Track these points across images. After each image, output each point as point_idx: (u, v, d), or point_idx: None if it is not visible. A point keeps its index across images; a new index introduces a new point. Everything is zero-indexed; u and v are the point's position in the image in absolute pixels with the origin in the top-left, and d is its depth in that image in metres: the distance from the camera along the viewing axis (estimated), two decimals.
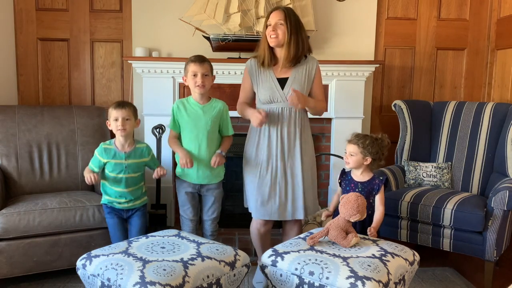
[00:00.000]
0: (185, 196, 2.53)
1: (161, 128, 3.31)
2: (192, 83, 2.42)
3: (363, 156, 2.34)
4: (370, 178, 2.36)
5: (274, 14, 2.39)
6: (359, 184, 2.37)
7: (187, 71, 2.44)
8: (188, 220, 2.55)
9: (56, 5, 3.55)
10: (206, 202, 2.56)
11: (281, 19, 2.37)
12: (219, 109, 2.49)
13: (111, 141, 2.49)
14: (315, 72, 2.48)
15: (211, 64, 2.48)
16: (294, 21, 2.39)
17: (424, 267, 2.82)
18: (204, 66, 2.41)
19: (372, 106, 3.75)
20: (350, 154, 2.36)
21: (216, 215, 2.57)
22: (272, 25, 2.37)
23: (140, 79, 3.48)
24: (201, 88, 2.40)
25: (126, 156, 2.46)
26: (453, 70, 3.81)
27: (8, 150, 2.89)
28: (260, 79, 2.47)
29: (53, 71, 3.61)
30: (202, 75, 2.40)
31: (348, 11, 3.58)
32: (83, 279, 1.91)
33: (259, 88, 2.47)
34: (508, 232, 2.77)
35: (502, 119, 3.02)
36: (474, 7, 3.74)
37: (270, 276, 1.96)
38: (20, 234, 2.47)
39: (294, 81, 2.42)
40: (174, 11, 3.41)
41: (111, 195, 2.49)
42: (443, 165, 3.16)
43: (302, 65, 2.46)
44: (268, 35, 2.39)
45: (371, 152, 2.33)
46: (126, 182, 2.47)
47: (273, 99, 2.43)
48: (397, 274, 1.87)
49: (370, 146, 2.33)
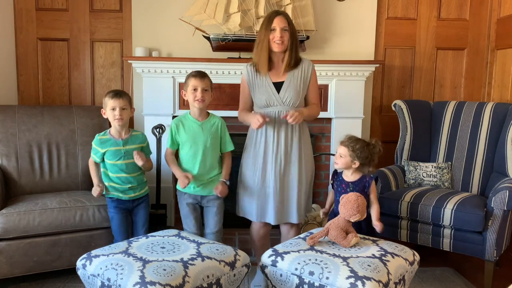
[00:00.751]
0: (186, 208, 2.51)
1: (161, 128, 3.30)
2: (192, 98, 2.42)
3: (351, 160, 2.36)
4: (360, 176, 2.39)
5: (279, 20, 2.38)
6: (350, 184, 2.38)
7: (187, 85, 2.45)
8: (191, 234, 2.54)
9: (56, 5, 3.55)
10: (208, 215, 2.54)
11: (285, 25, 2.38)
12: (217, 125, 2.49)
13: (105, 132, 2.51)
14: (310, 75, 2.49)
15: (211, 80, 2.49)
16: (293, 26, 2.44)
17: (424, 267, 2.81)
18: (205, 81, 2.42)
19: (372, 106, 3.75)
20: (340, 156, 2.38)
21: (218, 228, 2.54)
22: (278, 30, 2.37)
23: (140, 79, 3.48)
24: (200, 102, 2.40)
25: (124, 142, 2.48)
26: (453, 70, 3.81)
27: (8, 150, 2.89)
28: (256, 83, 2.47)
29: (53, 71, 3.61)
30: (202, 90, 2.40)
31: (348, 11, 3.58)
32: (83, 279, 1.91)
33: (255, 93, 2.48)
34: (508, 232, 2.77)
35: (502, 119, 3.02)
36: (474, 7, 3.74)
37: (270, 276, 1.96)
38: (20, 234, 2.48)
39: (289, 85, 2.43)
40: (174, 11, 3.40)
41: (113, 180, 2.48)
42: (443, 165, 3.16)
43: (297, 68, 2.46)
44: (272, 40, 2.38)
45: (360, 157, 2.35)
46: (126, 168, 2.47)
47: (269, 103, 2.44)
48: (397, 274, 1.87)
49: (359, 151, 2.35)
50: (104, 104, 2.47)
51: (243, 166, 2.55)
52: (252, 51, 2.53)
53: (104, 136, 2.49)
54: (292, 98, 2.42)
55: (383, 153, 3.74)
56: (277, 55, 2.43)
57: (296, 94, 2.42)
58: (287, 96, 2.42)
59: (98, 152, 2.47)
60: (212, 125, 2.48)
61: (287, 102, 2.42)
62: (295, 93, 2.42)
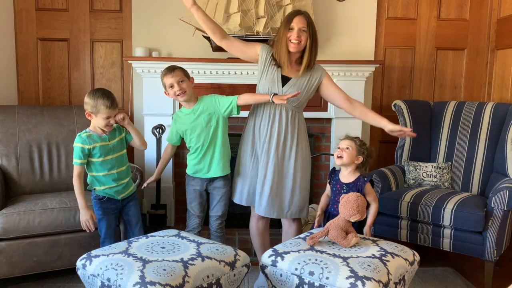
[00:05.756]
0: (193, 194, 2.57)
1: (161, 128, 3.31)
2: (173, 94, 2.43)
3: (357, 154, 2.36)
4: (355, 178, 2.37)
5: (298, 20, 2.36)
6: (344, 185, 2.37)
7: (164, 85, 2.45)
8: (195, 216, 2.60)
9: (56, 5, 3.55)
10: (213, 200, 2.59)
11: (304, 26, 2.36)
12: (208, 103, 2.48)
13: (85, 130, 2.39)
14: (318, 81, 2.46)
15: (183, 69, 2.47)
16: (313, 28, 2.41)
17: (424, 267, 2.81)
18: (176, 73, 2.41)
19: (372, 106, 3.75)
20: (346, 148, 2.37)
21: (221, 213, 2.59)
22: (296, 30, 2.35)
23: (140, 79, 3.48)
24: (182, 95, 2.41)
25: (109, 137, 2.40)
26: (453, 70, 3.81)
27: (8, 150, 2.89)
28: (266, 69, 2.45)
29: (53, 71, 3.61)
30: (178, 83, 2.40)
31: (348, 11, 3.58)
32: (83, 279, 1.91)
33: (262, 78, 2.46)
34: (508, 232, 2.77)
35: (502, 119, 3.02)
36: (474, 7, 3.74)
37: (270, 276, 1.96)
38: (20, 234, 2.48)
39: (295, 83, 2.41)
40: (174, 11, 3.40)
41: (106, 183, 2.40)
42: (443, 165, 3.16)
43: (309, 72, 2.44)
44: (289, 39, 2.36)
45: (363, 154, 2.37)
46: (116, 162, 2.41)
47: (271, 92, 2.42)
48: (397, 274, 1.87)
49: (364, 148, 2.38)
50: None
51: (242, 151, 2.55)
52: None
53: (87, 133, 2.37)
54: None
55: (383, 153, 3.78)
56: (292, 54, 2.41)
57: (300, 95, 2.40)
58: (289, 92, 2.40)
59: (82, 151, 2.31)
60: (204, 105, 2.47)
61: None
62: None
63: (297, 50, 2.38)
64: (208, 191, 2.59)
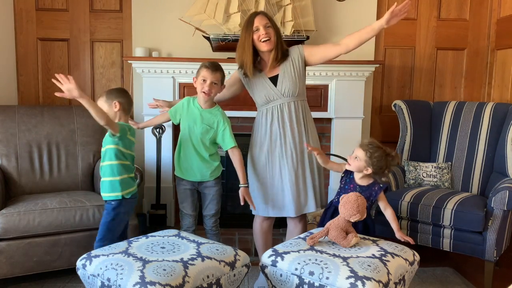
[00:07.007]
0: (184, 193, 2.57)
1: (161, 128, 3.31)
2: (199, 88, 2.42)
3: (365, 165, 2.30)
4: (370, 183, 2.35)
5: (259, 19, 2.38)
6: (357, 187, 2.36)
7: (198, 74, 2.44)
8: (188, 215, 2.59)
9: (56, 5, 3.55)
10: (205, 199, 2.59)
11: (267, 22, 2.38)
12: (217, 120, 2.46)
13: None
14: (301, 59, 2.45)
15: (223, 74, 2.46)
16: (274, 22, 2.45)
17: (424, 267, 2.82)
18: (216, 75, 2.40)
19: (372, 106, 3.75)
20: (355, 157, 2.33)
21: (214, 211, 2.58)
22: (262, 29, 2.36)
23: (140, 79, 3.48)
24: (206, 95, 2.41)
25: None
26: (453, 70, 3.81)
27: (8, 150, 2.89)
28: (253, 83, 2.48)
29: (53, 71, 3.61)
30: (211, 83, 2.39)
31: (348, 11, 3.58)
32: (83, 279, 1.91)
33: (254, 92, 2.49)
34: (508, 232, 2.77)
35: (502, 119, 3.02)
36: (474, 7, 3.74)
37: (270, 276, 1.96)
38: (20, 234, 2.48)
39: (284, 76, 2.43)
40: (174, 11, 3.40)
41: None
42: (443, 165, 3.16)
43: (287, 59, 2.45)
44: (258, 40, 2.37)
45: (375, 166, 2.28)
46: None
47: (269, 97, 2.44)
48: (397, 274, 1.87)
49: (376, 160, 2.27)
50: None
51: (255, 162, 2.53)
52: None
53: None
54: (290, 88, 2.42)
55: None
56: (266, 54, 2.43)
57: (293, 83, 2.42)
58: (284, 87, 2.42)
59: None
60: (212, 116, 2.47)
61: (286, 93, 2.42)
62: (292, 83, 2.42)
63: (270, 47, 2.38)
64: (199, 190, 2.58)
